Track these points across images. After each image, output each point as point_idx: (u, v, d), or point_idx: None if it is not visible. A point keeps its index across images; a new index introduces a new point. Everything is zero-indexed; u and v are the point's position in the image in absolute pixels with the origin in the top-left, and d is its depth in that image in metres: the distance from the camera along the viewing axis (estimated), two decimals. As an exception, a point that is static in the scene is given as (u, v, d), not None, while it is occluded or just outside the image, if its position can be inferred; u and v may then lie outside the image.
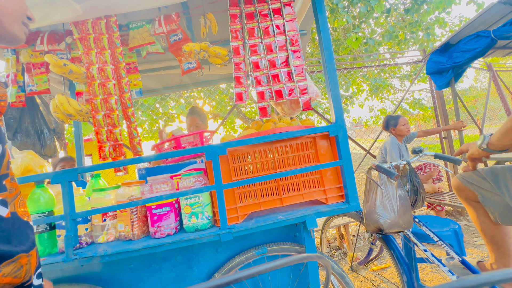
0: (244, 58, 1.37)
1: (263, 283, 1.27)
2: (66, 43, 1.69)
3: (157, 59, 2.36)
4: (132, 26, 1.75)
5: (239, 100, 1.34)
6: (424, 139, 12.19)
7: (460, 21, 6.89)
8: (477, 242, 2.74)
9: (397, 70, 6.94)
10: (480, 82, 18.59)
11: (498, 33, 2.64)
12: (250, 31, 1.37)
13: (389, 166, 1.43)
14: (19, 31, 0.67)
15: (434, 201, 2.99)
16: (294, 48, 1.34)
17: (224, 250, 1.23)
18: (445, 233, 1.62)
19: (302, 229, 1.22)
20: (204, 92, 5.73)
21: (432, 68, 3.40)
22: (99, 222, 1.16)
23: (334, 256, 2.84)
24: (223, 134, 5.89)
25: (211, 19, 1.75)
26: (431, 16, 5.28)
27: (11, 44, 0.68)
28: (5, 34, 0.64)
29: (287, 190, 1.22)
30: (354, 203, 1.19)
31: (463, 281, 0.25)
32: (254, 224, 1.10)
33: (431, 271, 2.31)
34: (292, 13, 1.36)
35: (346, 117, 6.98)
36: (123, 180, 1.93)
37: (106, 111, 1.54)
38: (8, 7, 0.62)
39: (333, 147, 1.25)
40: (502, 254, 1.33)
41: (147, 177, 1.23)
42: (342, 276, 1.32)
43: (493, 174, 1.29)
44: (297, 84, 1.32)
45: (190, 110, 2.55)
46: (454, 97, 3.65)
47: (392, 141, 3.03)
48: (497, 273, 0.25)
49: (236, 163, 1.19)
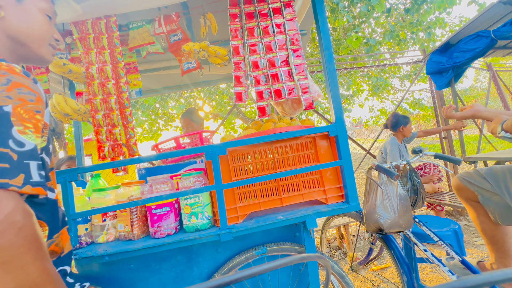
0: (243, 58, 1.37)
1: (263, 283, 1.27)
2: (66, 43, 1.69)
3: (157, 59, 2.36)
4: (132, 26, 1.75)
5: (239, 100, 1.34)
6: (424, 139, 12.18)
7: (460, 21, 6.88)
8: (477, 242, 2.74)
9: (397, 70, 6.93)
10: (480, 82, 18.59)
11: (498, 33, 2.63)
12: (249, 30, 1.37)
13: (389, 166, 1.43)
14: (46, 54, 0.73)
15: (434, 201, 3.00)
16: (294, 47, 1.34)
17: (224, 250, 1.23)
18: (445, 233, 1.62)
19: (302, 229, 1.22)
20: (204, 92, 5.73)
21: (432, 68, 3.40)
22: (99, 222, 1.16)
23: (334, 256, 2.84)
24: (223, 134, 5.89)
25: (211, 19, 1.75)
26: (431, 16, 5.28)
27: (39, 65, 0.75)
28: (34, 57, 0.71)
29: (287, 190, 1.22)
30: (354, 203, 1.19)
31: (463, 281, 0.25)
32: (254, 224, 1.10)
33: (431, 271, 2.30)
34: (292, 13, 1.36)
35: (347, 117, 6.98)
36: (123, 180, 1.93)
37: (106, 111, 1.54)
38: (36, 33, 0.68)
39: (333, 147, 1.25)
40: (502, 254, 1.33)
41: (147, 177, 1.23)
42: (342, 276, 1.32)
43: (493, 174, 1.29)
44: (298, 83, 1.31)
45: (184, 112, 2.58)
46: (454, 97, 3.65)
47: (392, 141, 3.03)
48: (497, 273, 0.25)
49: (236, 163, 1.19)
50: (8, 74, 0.52)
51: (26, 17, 0.65)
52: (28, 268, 0.43)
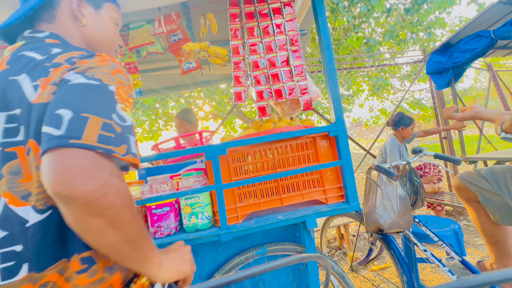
0: (243, 58, 1.37)
1: (263, 283, 1.27)
2: (66, 43, 1.69)
3: (157, 59, 2.36)
4: (132, 26, 1.75)
5: (238, 100, 1.34)
6: (424, 139, 12.18)
7: (460, 21, 6.88)
8: (477, 242, 2.74)
9: (397, 70, 6.93)
10: (480, 82, 18.58)
11: (498, 33, 2.63)
12: (249, 30, 1.37)
13: (389, 166, 1.43)
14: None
15: (434, 201, 2.99)
16: (294, 48, 1.34)
17: (224, 250, 1.23)
18: (445, 233, 1.62)
19: (302, 229, 1.22)
20: (204, 92, 5.73)
21: (432, 68, 3.40)
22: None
23: (334, 256, 2.84)
24: (223, 134, 5.89)
25: (211, 19, 1.75)
26: (431, 16, 5.27)
27: None
28: None
29: (287, 190, 1.22)
30: (354, 203, 1.19)
31: (463, 281, 0.25)
32: (254, 224, 1.10)
33: (431, 271, 2.30)
34: (292, 13, 1.36)
35: (347, 117, 6.98)
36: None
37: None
38: (108, 40, 0.76)
39: (333, 147, 1.25)
40: (502, 254, 1.33)
41: (147, 177, 1.23)
42: (342, 276, 1.32)
43: (493, 174, 1.29)
44: (297, 84, 1.32)
45: (178, 112, 2.60)
46: (454, 97, 3.65)
47: (392, 141, 3.03)
48: (497, 273, 0.25)
49: (236, 163, 1.19)
50: (111, 61, 0.60)
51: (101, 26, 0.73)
52: (128, 223, 0.50)
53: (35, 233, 0.51)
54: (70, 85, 0.52)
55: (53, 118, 0.48)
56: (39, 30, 0.67)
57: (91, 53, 0.60)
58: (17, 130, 0.53)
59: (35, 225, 0.51)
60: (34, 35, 0.65)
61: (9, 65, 0.58)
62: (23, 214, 0.51)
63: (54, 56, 0.57)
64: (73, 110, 0.49)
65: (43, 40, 0.64)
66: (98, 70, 0.56)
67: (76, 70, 0.54)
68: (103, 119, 0.51)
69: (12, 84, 0.55)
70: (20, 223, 0.51)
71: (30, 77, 0.55)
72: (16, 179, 0.52)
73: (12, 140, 0.53)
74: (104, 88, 0.54)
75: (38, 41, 0.64)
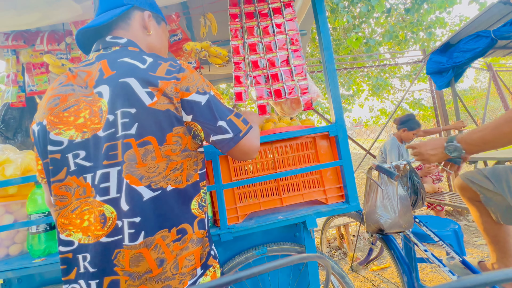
0: (244, 58, 1.37)
1: (263, 283, 1.27)
2: (66, 43, 1.69)
3: (157, 59, 2.35)
4: (132, 26, 1.74)
5: (239, 100, 1.34)
6: (424, 139, 12.18)
7: (460, 21, 6.88)
8: (477, 242, 2.74)
9: (397, 70, 6.93)
10: (480, 82, 18.56)
11: (498, 33, 2.63)
12: (249, 30, 1.37)
13: (389, 166, 1.43)
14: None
15: (434, 201, 2.99)
16: (294, 47, 1.34)
17: (224, 250, 1.23)
18: (445, 233, 1.61)
19: (302, 229, 1.22)
20: (204, 92, 5.71)
21: (432, 68, 3.40)
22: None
23: (334, 256, 2.84)
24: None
25: (211, 19, 1.75)
26: (431, 16, 5.27)
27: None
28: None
29: (287, 190, 1.22)
30: (354, 203, 1.18)
31: (463, 281, 0.24)
32: (254, 224, 1.10)
33: (431, 271, 2.30)
34: (292, 13, 1.36)
35: (347, 117, 6.98)
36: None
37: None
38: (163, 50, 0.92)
39: (333, 147, 1.25)
40: (503, 254, 1.33)
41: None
42: (342, 276, 1.32)
43: (496, 174, 1.29)
44: (297, 84, 1.31)
45: None
46: (454, 97, 3.65)
47: (392, 142, 3.03)
48: (498, 273, 0.24)
49: (236, 163, 1.19)
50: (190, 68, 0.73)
51: (160, 38, 0.90)
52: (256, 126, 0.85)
53: (149, 207, 0.64)
54: (204, 105, 0.70)
55: (220, 129, 0.71)
56: (118, 36, 0.79)
57: (178, 64, 0.72)
58: (131, 125, 0.64)
59: (148, 200, 0.64)
60: (116, 40, 0.78)
61: (114, 70, 0.68)
62: (141, 191, 0.64)
63: (152, 67, 0.69)
64: (223, 119, 0.72)
65: (126, 47, 0.77)
66: (199, 83, 0.72)
67: (192, 90, 0.70)
68: (231, 114, 0.74)
69: (125, 86, 0.66)
70: (139, 199, 0.63)
71: (140, 83, 0.66)
72: (134, 164, 0.64)
73: (128, 133, 0.64)
74: (212, 95, 0.73)
75: (123, 46, 0.77)
